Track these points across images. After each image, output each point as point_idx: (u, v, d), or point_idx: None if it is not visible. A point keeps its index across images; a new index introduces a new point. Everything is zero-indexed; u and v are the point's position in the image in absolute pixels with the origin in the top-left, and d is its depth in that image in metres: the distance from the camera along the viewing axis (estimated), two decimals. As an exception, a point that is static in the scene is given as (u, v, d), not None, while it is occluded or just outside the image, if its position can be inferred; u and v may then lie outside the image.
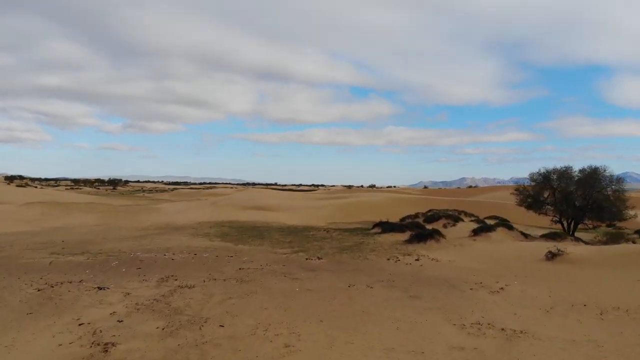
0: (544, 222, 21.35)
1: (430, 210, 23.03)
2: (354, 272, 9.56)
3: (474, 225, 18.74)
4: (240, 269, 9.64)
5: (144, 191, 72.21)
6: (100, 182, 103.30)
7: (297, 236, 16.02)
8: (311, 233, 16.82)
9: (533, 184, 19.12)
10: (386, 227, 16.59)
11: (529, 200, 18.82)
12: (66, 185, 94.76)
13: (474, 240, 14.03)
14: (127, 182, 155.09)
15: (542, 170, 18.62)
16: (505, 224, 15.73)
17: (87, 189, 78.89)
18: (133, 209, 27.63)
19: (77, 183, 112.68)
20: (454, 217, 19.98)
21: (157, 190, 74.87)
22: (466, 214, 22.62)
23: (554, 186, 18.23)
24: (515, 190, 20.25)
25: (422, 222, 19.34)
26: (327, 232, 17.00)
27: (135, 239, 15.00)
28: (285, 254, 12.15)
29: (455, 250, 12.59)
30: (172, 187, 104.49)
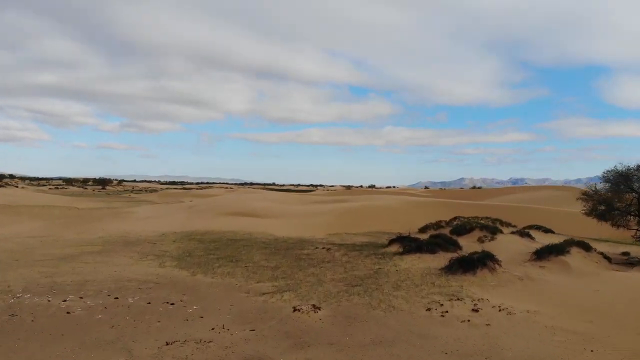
0: (598, 232, 16.91)
1: (455, 218, 18.49)
2: (376, 349, 5.22)
3: (519, 240, 14.29)
4: (167, 343, 5.26)
5: (132, 191, 67.87)
6: (93, 181, 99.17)
7: (287, 257, 11.60)
8: (306, 252, 12.37)
9: (606, 186, 14.41)
10: (408, 244, 12.12)
11: (602, 207, 14.08)
12: (55, 185, 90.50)
13: (542, 267, 9.63)
14: (122, 181, 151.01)
15: (621, 168, 13.96)
16: (580, 242, 11.26)
17: (74, 188, 74.51)
18: (98, 214, 23.26)
19: (68, 182, 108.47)
20: (491, 228, 15.50)
21: (147, 190, 70.50)
22: (502, 222, 18.21)
23: (636, 189, 13.63)
24: (583, 194, 15.57)
25: (449, 235, 14.93)
26: (328, 250, 12.55)
27: (58, 261, 10.59)
28: (263, 294, 7.76)
29: (526, 289, 8.14)
30: (165, 187, 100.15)
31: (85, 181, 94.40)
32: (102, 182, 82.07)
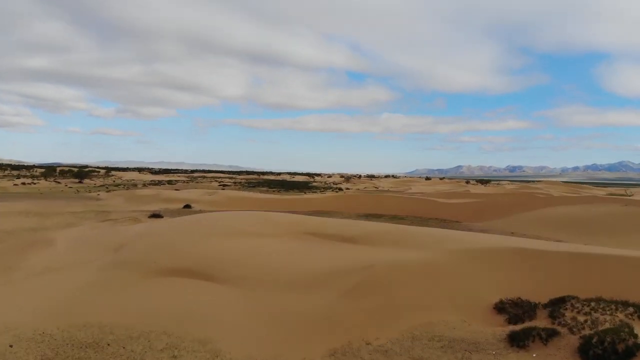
0: None
1: (563, 302, 10.33)
2: None
3: None
4: None
5: (109, 188, 59.97)
6: (71, 173, 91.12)
7: None
8: None
9: None
10: None
11: None
12: (31, 175, 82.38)
13: None
14: (110, 170, 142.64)
15: None
16: None
17: (46, 183, 66.27)
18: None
19: (49, 172, 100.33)
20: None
21: (125, 187, 62.55)
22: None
23: None
24: None
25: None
26: None
27: None
28: None
29: None
30: (150, 178, 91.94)
31: (62, 173, 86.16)
32: (80, 175, 73.79)
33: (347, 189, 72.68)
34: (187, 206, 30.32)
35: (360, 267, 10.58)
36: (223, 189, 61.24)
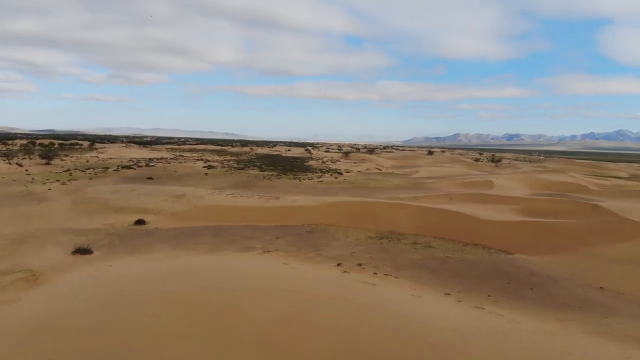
0: None
1: None
2: None
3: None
4: None
5: (75, 172, 52.23)
6: (40, 149, 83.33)
7: None
8: None
9: None
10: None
11: None
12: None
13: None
14: (94, 142, 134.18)
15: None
16: None
17: (4, 167, 58.05)
18: None
19: (29, 146, 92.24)
20: None
21: (94, 171, 54.76)
22: None
23: None
24: None
25: None
26: None
27: None
28: None
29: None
30: (133, 155, 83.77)
31: (28, 150, 77.96)
32: (47, 155, 65.09)
33: (347, 171, 65.10)
34: (140, 221, 22.81)
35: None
36: (206, 174, 53.59)
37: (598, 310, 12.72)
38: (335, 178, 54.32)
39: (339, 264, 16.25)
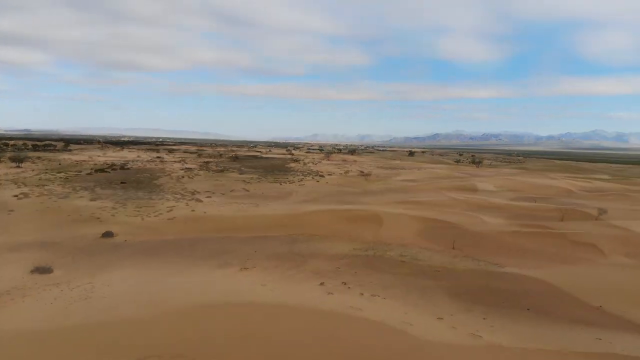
0: None
1: None
2: None
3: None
4: None
5: (44, 175, 49.91)
6: (11, 151, 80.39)
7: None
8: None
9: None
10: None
11: None
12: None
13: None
14: (69, 143, 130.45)
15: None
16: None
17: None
18: None
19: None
20: None
21: (64, 175, 52.46)
22: None
23: None
24: None
25: None
26: None
27: None
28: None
29: None
30: (106, 159, 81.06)
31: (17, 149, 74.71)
32: (17, 159, 62.22)
33: (329, 173, 64.02)
34: (108, 234, 21.29)
35: None
36: (184, 177, 51.80)
37: (597, 333, 11.83)
38: (317, 182, 53.16)
39: (322, 283, 15.06)
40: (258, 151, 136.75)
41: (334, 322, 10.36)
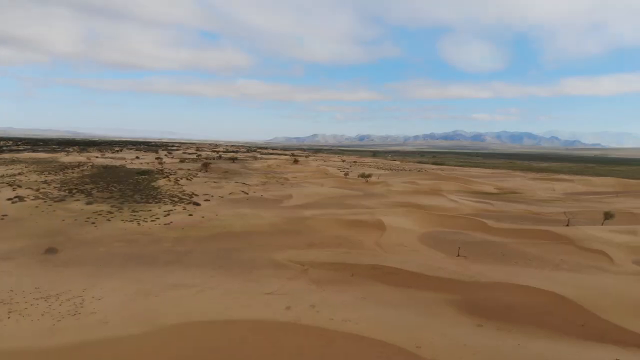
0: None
1: None
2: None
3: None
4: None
5: None
6: None
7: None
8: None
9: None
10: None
11: None
12: None
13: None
14: None
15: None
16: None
17: None
18: None
19: None
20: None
21: None
22: None
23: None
24: None
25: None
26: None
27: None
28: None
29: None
30: None
31: None
32: None
33: (206, 198, 52.88)
34: None
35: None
36: (1, 218, 36.72)
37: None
38: (190, 215, 41.74)
39: None
40: (122, 158, 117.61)
41: None
